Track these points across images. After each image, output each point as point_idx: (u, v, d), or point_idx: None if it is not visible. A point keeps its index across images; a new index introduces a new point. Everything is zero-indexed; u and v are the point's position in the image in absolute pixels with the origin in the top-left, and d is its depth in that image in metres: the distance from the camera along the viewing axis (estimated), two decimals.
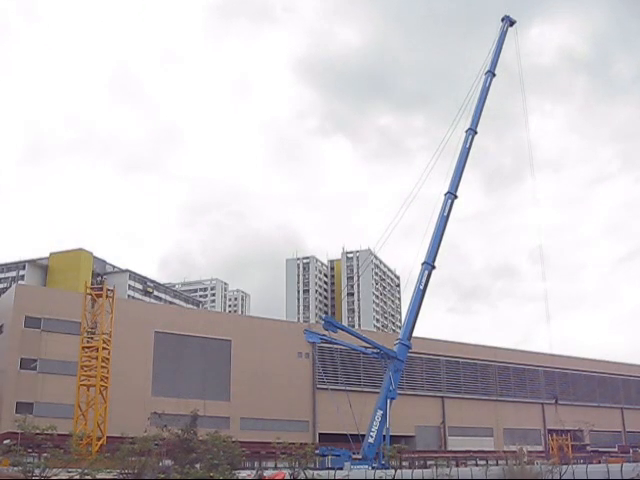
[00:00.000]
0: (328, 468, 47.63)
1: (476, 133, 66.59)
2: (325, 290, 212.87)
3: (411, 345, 60.64)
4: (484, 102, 67.61)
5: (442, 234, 62.86)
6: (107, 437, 49.29)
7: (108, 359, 51.39)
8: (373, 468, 49.71)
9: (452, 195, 63.53)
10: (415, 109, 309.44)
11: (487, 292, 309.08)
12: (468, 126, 66.19)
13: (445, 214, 63.12)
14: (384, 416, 56.55)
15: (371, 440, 56.10)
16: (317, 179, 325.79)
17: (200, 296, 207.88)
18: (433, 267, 61.64)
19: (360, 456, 55.27)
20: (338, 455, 55.05)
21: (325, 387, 70.03)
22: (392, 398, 57.83)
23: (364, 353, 65.71)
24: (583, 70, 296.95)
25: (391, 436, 56.28)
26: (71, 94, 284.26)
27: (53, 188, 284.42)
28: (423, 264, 61.52)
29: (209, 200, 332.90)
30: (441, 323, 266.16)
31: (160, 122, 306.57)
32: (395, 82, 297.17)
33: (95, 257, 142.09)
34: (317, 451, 51.55)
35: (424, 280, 61.06)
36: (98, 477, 30.15)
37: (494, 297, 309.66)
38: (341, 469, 48.24)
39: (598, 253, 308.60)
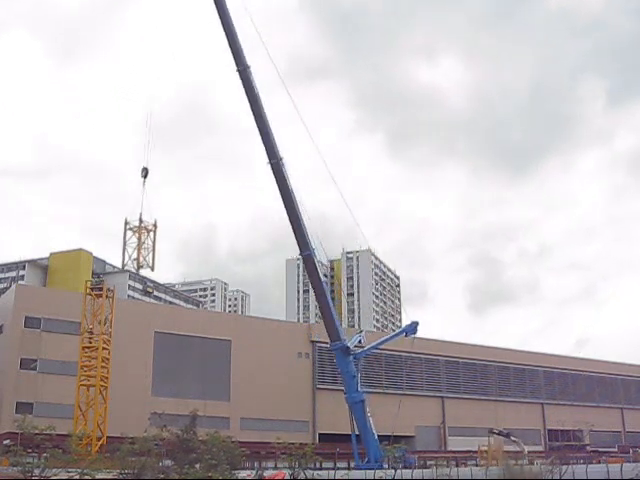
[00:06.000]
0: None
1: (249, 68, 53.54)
2: None
3: (341, 345, 54.24)
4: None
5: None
6: (107, 437, 49.44)
7: (108, 359, 51.49)
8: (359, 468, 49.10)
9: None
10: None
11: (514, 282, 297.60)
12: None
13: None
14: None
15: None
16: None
17: (200, 296, 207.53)
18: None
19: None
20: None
21: (325, 387, 69.83)
22: (350, 402, 53.86)
23: None
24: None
25: (391, 436, 56.14)
26: None
27: None
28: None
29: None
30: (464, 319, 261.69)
31: None
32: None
33: (95, 257, 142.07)
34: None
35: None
36: (98, 477, 30.18)
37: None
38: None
39: None
